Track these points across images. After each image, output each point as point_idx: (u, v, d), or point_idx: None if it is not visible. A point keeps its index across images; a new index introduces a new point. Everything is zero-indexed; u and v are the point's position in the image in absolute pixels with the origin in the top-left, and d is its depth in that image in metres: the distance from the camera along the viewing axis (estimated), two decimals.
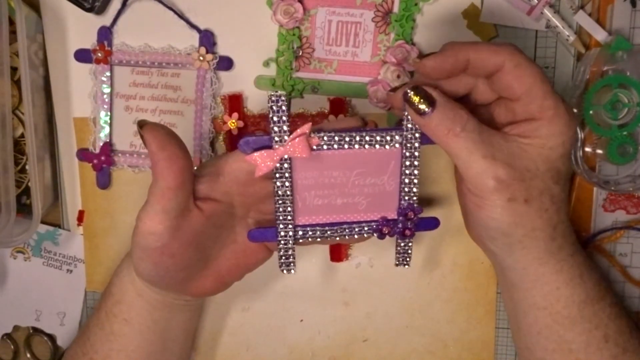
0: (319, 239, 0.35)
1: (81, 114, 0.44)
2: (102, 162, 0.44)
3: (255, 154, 0.32)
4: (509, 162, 0.31)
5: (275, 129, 0.32)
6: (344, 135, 0.33)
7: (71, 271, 0.47)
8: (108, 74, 0.43)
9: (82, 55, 0.43)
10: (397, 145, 0.33)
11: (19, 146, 0.44)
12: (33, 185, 0.42)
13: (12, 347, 0.49)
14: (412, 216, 0.35)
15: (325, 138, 0.32)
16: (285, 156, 0.32)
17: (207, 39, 0.42)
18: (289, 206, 0.34)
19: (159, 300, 0.37)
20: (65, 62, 0.43)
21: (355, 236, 0.35)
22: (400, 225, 0.35)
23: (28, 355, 0.48)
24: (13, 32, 0.41)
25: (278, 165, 0.32)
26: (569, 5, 0.40)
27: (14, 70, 0.42)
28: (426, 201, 0.44)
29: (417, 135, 0.33)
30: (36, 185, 0.42)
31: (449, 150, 0.32)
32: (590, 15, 0.40)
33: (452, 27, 0.41)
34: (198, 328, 0.46)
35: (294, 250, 0.35)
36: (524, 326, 0.37)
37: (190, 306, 0.40)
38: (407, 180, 0.34)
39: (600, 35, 0.40)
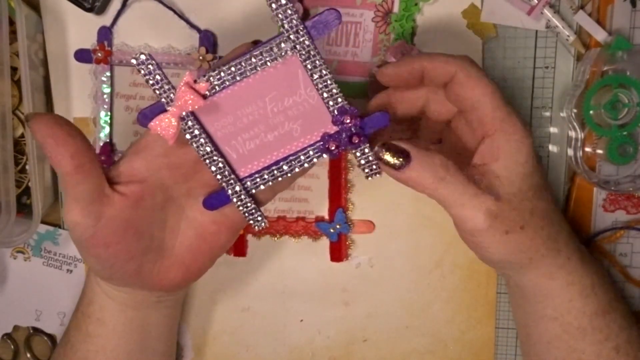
0: (271, 182, 0.33)
1: (81, 114, 0.44)
2: (102, 162, 0.44)
3: (153, 122, 0.30)
4: (494, 193, 0.31)
5: (157, 91, 0.30)
6: (230, 67, 0.30)
7: (71, 271, 0.47)
8: (108, 74, 0.43)
9: (82, 55, 0.43)
10: (289, 52, 0.30)
11: (19, 146, 0.44)
12: (33, 185, 0.42)
13: (12, 347, 0.49)
14: (349, 120, 0.31)
15: (212, 79, 0.31)
16: (184, 113, 0.31)
17: (207, 39, 0.42)
18: (221, 162, 0.32)
19: (129, 299, 0.37)
20: (65, 62, 0.43)
21: (306, 165, 0.33)
22: (344, 135, 0.32)
23: (28, 355, 0.48)
24: (13, 32, 0.41)
25: (183, 126, 0.31)
26: (569, 5, 0.40)
27: (14, 70, 0.42)
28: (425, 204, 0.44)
29: (301, 31, 0.30)
30: (36, 185, 0.42)
31: (439, 197, 0.31)
32: (590, 15, 0.40)
33: (452, 27, 0.41)
34: (197, 328, 0.46)
35: (253, 203, 0.34)
36: (534, 336, 0.37)
37: (165, 302, 0.39)
38: (320, 85, 0.31)
39: (600, 35, 0.40)
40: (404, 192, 0.44)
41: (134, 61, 0.30)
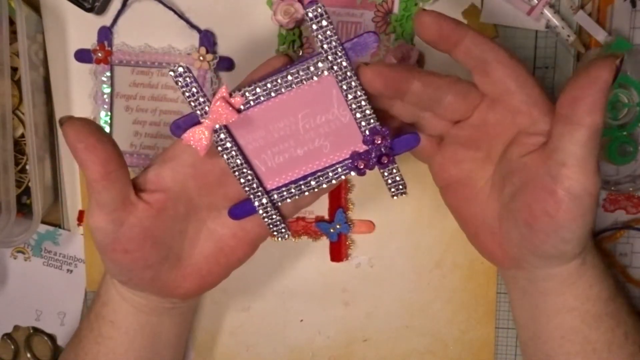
0: (297, 196, 0.33)
1: (81, 114, 0.44)
2: None
3: (186, 134, 0.30)
4: None
5: (192, 103, 0.31)
6: (266, 83, 0.30)
7: (71, 271, 0.47)
8: (108, 74, 0.43)
9: (82, 55, 0.43)
10: (325, 72, 0.30)
11: (19, 146, 0.44)
12: (33, 185, 0.42)
13: (12, 347, 0.49)
14: (380, 140, 0.31)
15: (247, 94, 0.31)
16: (217, 126, 0.31)
17: (207, 39, 0.42)
18: (250, 174, 0.32)
19: (143, 303, 0.37)
20: (65, 62, 0.43)
21: (333, 181, 0.33)
22: (373, 155, 0.32)
23: (28, 355, 0.49)
24: (13, 32, 0.41)
25: (215, 138, 0.31)
26: (569, 5, 0.40)
27: (14, 70, 0.42)
28: (425, 204, 0.44)
29: (339, 53, 0.29)
30: (36, 185, 0.42)
31: (583, 137, 0.28)
32: (590, 15, 0.40)
33: None
34: (197, 328, 0.46)
35: (278, 216, 0.34)
36: (544, 333, 0.36)
37: (178, 309, 0.39)
38: (354, 105, 0.31)
39: (600, 35, 0.40)
40: None
41: (171, 73, 0.30)
